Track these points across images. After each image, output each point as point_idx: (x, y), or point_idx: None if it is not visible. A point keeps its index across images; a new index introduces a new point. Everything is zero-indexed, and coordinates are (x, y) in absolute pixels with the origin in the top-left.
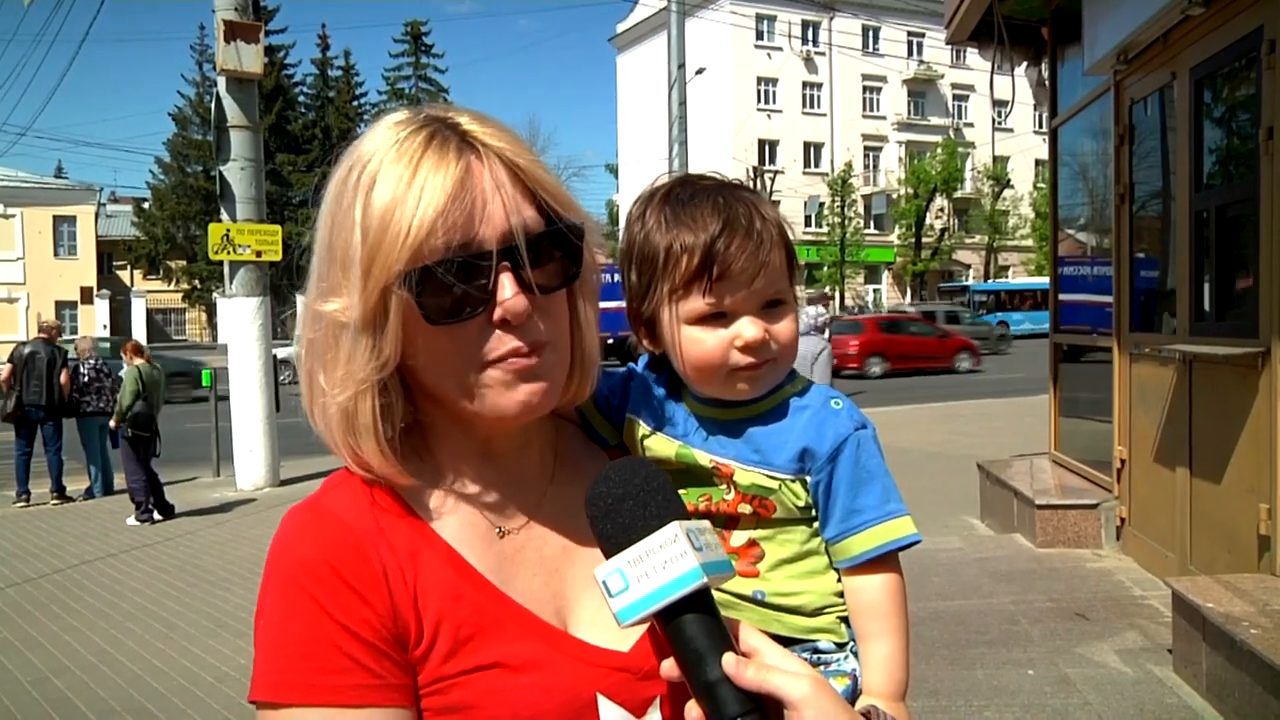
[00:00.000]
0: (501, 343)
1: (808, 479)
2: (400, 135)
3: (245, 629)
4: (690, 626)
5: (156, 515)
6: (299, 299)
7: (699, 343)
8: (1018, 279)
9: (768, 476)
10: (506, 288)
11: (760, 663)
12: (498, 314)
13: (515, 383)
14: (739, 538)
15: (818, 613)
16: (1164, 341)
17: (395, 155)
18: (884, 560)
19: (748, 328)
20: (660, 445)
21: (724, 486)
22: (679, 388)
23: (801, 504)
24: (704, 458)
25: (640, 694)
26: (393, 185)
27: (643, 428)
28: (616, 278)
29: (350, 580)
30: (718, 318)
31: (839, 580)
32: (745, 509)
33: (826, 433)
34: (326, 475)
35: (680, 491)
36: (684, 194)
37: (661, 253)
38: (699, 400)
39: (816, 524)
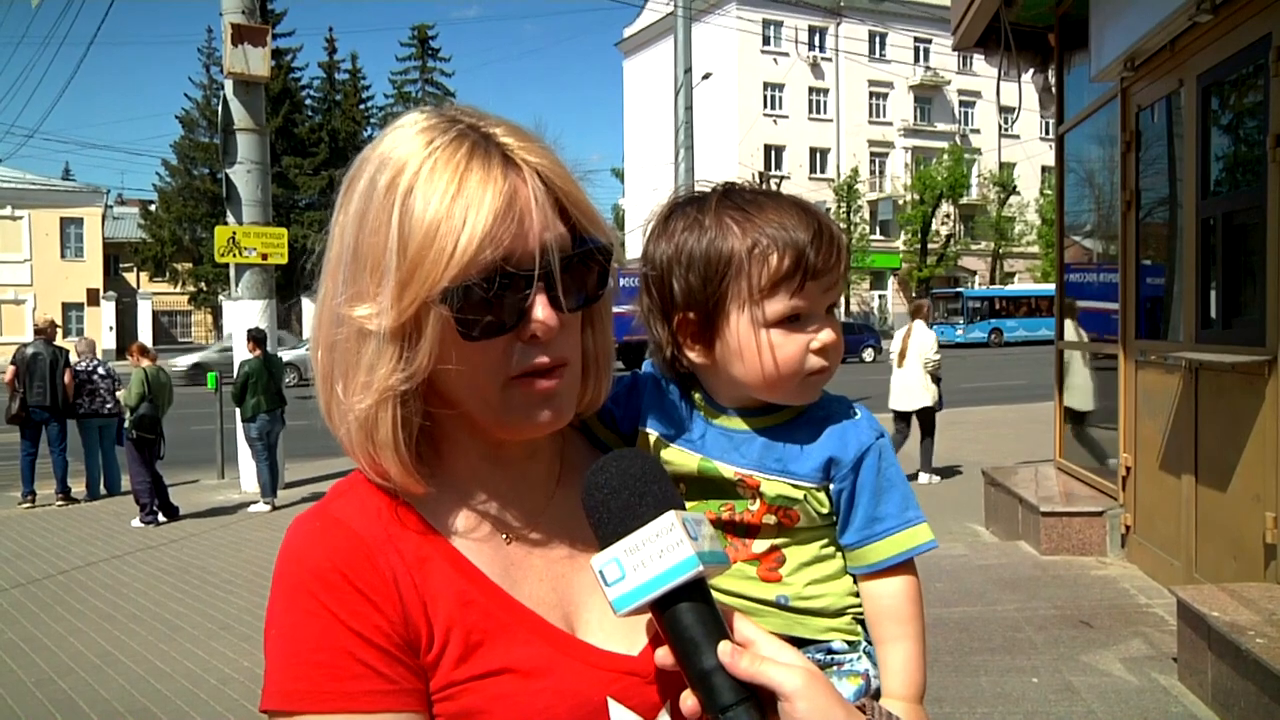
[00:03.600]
0: (527, 357)
1: (831, 487)
2: (435, 142)
3: (249, 631)
4: (686, 615)
5: (161, 517)
6: (305, 301)
7: (780, 347)
8: (1014, 286)
9: (794, 486)
10: (540, 306)
11: (755, 653)
12: (529, 331)
13: (538, 404)
14: (760, 545)
15: (838, 614)
16: (1170, 349)
17: (435, 165)
18: (902, 565)
19: (826, 330)
20: (680, 458)
21: (749, 498)
22: (689, 394)
23: (825, 512)
24: (728, 470)
25: (650, 698)
26: (437, 198)
27: (658, 440)
28: (625, 283)
29: (361, 587)
30: (793, 320)
31: (855, 581)
32: (770, 519)
33: (850, 441)
34: (329, 479)
35: (699, 502)
36: (748, 197)
37: (741, 254)
38: (718, 408)
39: (834, 528)
